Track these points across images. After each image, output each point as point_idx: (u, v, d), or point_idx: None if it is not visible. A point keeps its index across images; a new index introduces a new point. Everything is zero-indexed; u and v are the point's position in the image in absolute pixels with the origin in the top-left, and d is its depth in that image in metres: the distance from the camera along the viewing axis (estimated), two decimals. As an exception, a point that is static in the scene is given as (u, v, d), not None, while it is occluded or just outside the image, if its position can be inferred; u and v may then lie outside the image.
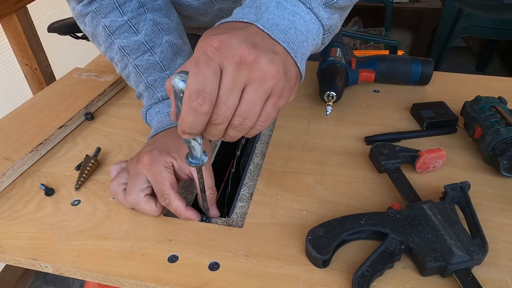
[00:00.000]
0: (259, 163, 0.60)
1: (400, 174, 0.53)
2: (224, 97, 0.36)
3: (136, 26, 0.61)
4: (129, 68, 0.62)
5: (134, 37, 0.61)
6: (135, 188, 0.50)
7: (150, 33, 0.61)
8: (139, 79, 0.62)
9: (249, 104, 0.37)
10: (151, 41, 0.61)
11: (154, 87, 0.60)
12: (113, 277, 0.44)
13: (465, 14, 2.34)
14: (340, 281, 0.42)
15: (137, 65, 0.61)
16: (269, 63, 0.36)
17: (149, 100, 0.61)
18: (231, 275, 0.44)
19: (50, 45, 1.74)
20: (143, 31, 0.61)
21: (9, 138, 0.65)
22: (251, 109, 0.37)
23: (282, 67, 0.38)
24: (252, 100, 0.37)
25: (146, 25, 0.61)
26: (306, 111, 0.70)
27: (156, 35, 0.62)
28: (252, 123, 0.38)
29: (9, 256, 0.47)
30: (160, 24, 0.63)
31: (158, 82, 0.60)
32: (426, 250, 0.42)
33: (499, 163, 0.53)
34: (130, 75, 0.63)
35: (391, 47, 2.01)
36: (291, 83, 0.40)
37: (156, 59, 0.61)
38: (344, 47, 0.75)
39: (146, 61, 0.61)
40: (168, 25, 0.64)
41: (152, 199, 0.50)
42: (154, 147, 0.52)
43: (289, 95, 0.40)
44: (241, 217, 0.51)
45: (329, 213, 0.50)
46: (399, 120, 0.67)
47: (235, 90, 0.36)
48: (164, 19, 0.64)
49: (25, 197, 0.55)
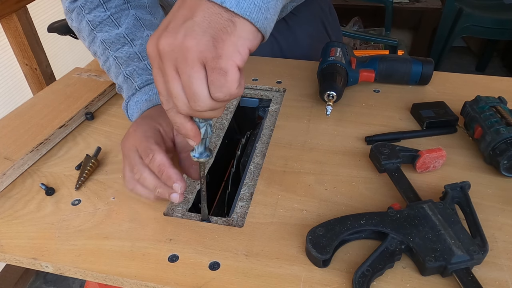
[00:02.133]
0: (259, 162, 0.60)
1: (400, 174, 0.53)
2: (167, 90, 0.37)
3: (118, 20, 0.62)
4: (110, 61, 0.62)
5: (115, 30, 0.62)
6: (124, 170, 0.49)
7: (131, 27, 0.62)
8: (118, 71, 0.62)
9: (187, 86, 0.35)
10: (131, 34, 0.62)
11: (132, 77, 0.60)
12: (113, 276, 0.44)
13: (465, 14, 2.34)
14: (340, 280, 0.42)
15: (117, 57, 0.61)
16: (175, 38, 0.34)
17: (128, 91, 0.60)
18: (231, 274, 0.44)
19: (50, 45, 1.74)
20: (124, 24, 0.62)
21: (9, 138, 0.65)
22: (193, 90, 0.35)
23: (195, 30, 0.34)
24: (186, 81, 0.35)
25: (128, 19, 0.62)
26: (306, 111, 0.70)
27: (138, 29, 0.62)
28: (206, 101, 0.36)
29: (9, 255, 0.47)
30: (142, 19, 0.63)
31: (135, 72, 0.60)
32: (426, 250, 0.42)
33: (499, 163, 0.53)
34: (110, 68, 0.63)
35: (391, 47, 2.01)
36: (221, 33, 0.34)
37: (135, 50, 0.61)
38: (344, 47, 0.75)
39: (125, 52, 0.61)
40: (151, 21, 0.64)
41: None
42: (136, 121, 0.52)
43: (226, 46, 0.34)
44: (242, 217, 0.51)
45: (329, 213, 0.50)
46: (399, 120, 0.67)
47: (164, 79, 0.37)
48: (147, 15, 0.64)
49: (26, 196, 0.55)
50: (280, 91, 0.76)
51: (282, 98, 0.74)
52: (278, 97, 0.75)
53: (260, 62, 0.84)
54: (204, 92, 0.35)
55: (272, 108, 0.72)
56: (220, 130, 0.67)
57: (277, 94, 0.76)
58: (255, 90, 0.77)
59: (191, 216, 0.52)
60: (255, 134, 0.71)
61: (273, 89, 0.77)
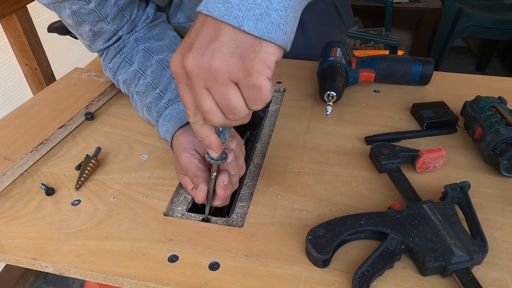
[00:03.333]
0: (259, 163, 0.60)
1: (400, 174, 0.53)
2: (196, 105, 0.39)
3: (131, 59, 0.66)
4: (135, 97, 0.67)
5: (130, 68, 0.66)
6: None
7: (142, 60, 0.66)
8: (142, 105, 0.65)
9: (224, 103, 0.36)
10: (143, 67, 0.65)
11: (151, 108, 0.63)
12: (113, 277, 0.44)
13: (465, 14, 2.33)
14: (340, 281, 0.42)
15: (138, 91, 0.65)
16: (202, 59, 0.35)
17: (153, 121, 0.63)
18: (231, 275, 0.44)
19: (50, 45, 1.73)
20: (136, 60, 0.66)
21: (9, 138, 0.65)
22: (231, 105, 0.36)
23: (222, 52, 0.34)
24: (222, 98, 0.36)
25: (139, 54, 0.66)
26: (306, 111, 0.70)
27: (147, 59, 0.66)
28: (244, 111, 0.37)
29: (9, 256, 0.47)
30: (150, 49, 0.67)
31: (153, 103, 0.63)
32: (426, 250, 0.42)
33: (499, 163, 0.53)
34: (137, 103, 0.67)
35: (391, 47, 2.01)
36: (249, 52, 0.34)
37: (148, 80, 0.64)
38: (344, 47, 0.75)
39: (142, 85, 0.65)
40: (160, 46, 0.67)
41: None
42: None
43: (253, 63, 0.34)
44: (241, 217, 0.51)
45: (329, 213, 0.50)
46: (399, 120, 0.67)
47: (193, 96, 0.38)
48: (155, 43, 0.68)
49: (26, 197, 0.55)
50: (280, 91, 0.76)
51: (282, 98, 0.74)
52: (278, 97, 0.75)
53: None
54: (241, 105, 0.36)
55: (272, 108, 0.72)
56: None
57: (277, 94, 0.76)
58: (255, 90, 0.77)
59: (191, 216, 0.52)
60: (255, 134, 0.71)
61: (273, 89, 0.77)
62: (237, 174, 0.51)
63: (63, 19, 0.63)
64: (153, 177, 0.58)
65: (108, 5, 0.61)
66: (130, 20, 0.66)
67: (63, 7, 0.59)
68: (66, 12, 0.60)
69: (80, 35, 0.66)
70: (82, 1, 0.58)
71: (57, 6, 0.59)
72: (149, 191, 0.55)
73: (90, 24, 0.62)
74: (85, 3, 0.59)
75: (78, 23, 0.63)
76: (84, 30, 0.64)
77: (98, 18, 0.62)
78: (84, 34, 0.65)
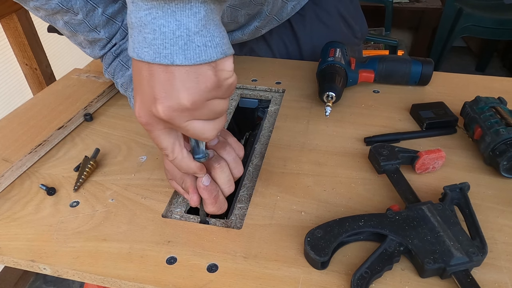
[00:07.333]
0: (258, 164, 0.60)
1: (399, 175, 0.53)
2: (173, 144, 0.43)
3: (127, 63, 0.67)
4: (132, 100, 0.67)
5: (127, 72, 0.66)
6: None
7: None
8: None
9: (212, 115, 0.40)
10: None
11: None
12: (111, 279, 0.44)
13: (465, 14, 2.33)
14: (339, 282, 0.42)
15: None
16: (175, 103, 0.36)
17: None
18: (229, 276, 0.43)
19: (50, 45, 1.73)
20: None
21: (8, 139, 0.65)
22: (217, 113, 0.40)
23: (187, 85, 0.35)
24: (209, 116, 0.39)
25: None
26: (305, 111, 0.69)
27: None
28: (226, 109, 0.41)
29: (7, 257, 0.47)
30: None
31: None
32: (425, 252, 0.42)
33: (499, 164, 0.53)
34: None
35: (391, 47, 2.01)
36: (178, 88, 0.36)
37: None
38: (344, 47, 0.75)
39: None
40: None
41: None
42: None
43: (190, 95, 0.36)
44: (240, 219, 0.51)
45: (328, 214, 0.50)
46: (398, 120, 0.66)
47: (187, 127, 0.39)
48: None
49: (24, 198, 0.55)
50: (279, 92, 0.76)
51: (281, 98, 0.74)
52: (277, 98, 0.75)
53: (259, 62, 0.84)
54: (225, 106, 0.40)
55: (271, 109, 0.72)
56: (219, 131, 0.67)
57: (276, 94, 0.76)
58: (254, 91, 0.77)
59: (189, 218, 0.52)
60: (254, 135, 0.70)
61: (272, 89, 0.77)
62: (227, 171, 0.49)
63: (61, 30, 0.66)
64: (151, 179, 0.57)
65: (95, 15, 0.62)
66: (122, 26, 0.66)
67: (57, 19, 0.62)
68: (60, 23, 0.62)
69: (79, 44, 0.68)
70: (71, 12, 0.60)
71: (51, 18, 0.62)
72: (148, 192, 0.55)
73: (83, 34, 0.64)
74: (73, 15, 0.60)
75: (73, 33, 0.65)
76: (80, 39, 0.66)
77: (89, 28, 0.63)
78: (82, 43, 0.67)
